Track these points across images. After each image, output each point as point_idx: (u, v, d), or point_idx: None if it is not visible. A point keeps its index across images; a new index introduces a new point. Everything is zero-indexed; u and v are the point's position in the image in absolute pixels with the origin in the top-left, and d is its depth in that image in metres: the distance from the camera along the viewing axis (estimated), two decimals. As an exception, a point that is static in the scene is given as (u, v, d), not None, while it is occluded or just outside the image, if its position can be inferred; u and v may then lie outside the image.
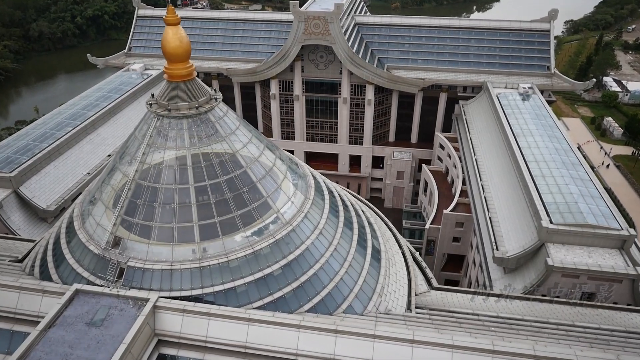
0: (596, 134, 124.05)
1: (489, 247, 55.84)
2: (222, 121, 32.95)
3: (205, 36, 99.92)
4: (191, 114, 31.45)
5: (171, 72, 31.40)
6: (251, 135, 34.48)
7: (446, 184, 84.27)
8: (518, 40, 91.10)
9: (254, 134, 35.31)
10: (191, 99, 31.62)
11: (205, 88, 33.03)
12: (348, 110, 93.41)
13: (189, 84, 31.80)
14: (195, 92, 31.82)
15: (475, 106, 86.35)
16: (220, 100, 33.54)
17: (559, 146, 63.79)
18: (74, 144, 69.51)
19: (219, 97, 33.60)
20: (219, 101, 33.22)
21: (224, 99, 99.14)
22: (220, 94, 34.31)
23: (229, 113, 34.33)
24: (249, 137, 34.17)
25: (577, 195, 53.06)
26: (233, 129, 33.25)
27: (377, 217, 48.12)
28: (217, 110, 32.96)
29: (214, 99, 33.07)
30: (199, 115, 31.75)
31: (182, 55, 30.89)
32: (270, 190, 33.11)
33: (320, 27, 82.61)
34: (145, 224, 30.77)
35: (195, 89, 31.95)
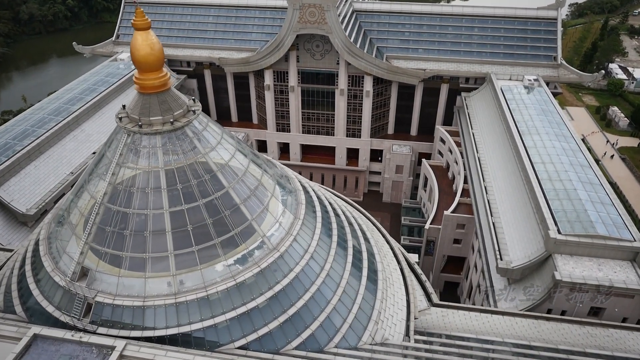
0: (601, 124, 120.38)
1: (491, 254, 52.96)
2: (202, 136, 29.62)
3: (197, 23, 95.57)
4: (165, 129, 28.10)
5: (142, 83, 27.93)
6: (235, 149, 31.15)
7: (447, 180, 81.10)
8: (523, 29, 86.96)
9: (238, 148, 32.00)
10: (165, 112, 28.24)
11: (182, 99, 29.56)
12: (345, 102, 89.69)
13: (162, 95, 28.36)
14: (170, 105, 28.42)
15: (478, 99, 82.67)
16: (199, 112, 30.11)
17: (567, 146, 60.49)
18: (56, 142, 66.09)
19: (197, 109, 30.15)
20: (197, 113, 29.79)
21: (217, 89, 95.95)
22: (200, 104, 30.87)
23: (210, 126, 30.92)
24: (232, 152, 30.86)
25: (587, 202, 49.99)
26: (214, 144, 29.92)
27: (374, 228, 44.97)
28: (195, 124, 29.57)
29: (191, 111, 29.63)
30: (174, 130, 28.41)
31: (154, 63, 27.40)
32: (255, 212, 29.99)
33: (316, 15, 78.43)
34: (115, 254, 27.76)
35: (170, 101, 28.53)
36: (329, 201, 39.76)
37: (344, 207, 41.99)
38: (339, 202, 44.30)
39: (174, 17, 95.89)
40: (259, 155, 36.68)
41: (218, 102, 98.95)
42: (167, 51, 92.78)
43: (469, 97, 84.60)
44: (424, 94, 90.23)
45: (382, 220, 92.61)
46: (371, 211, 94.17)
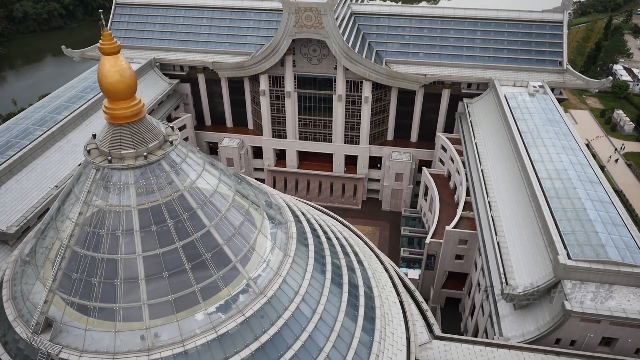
0: (606, 128, 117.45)
1: (496, 276, 50.20)
2: (180, 169, 26.76)
3: (190, 26, 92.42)
4: (138, 164, 25.27)
5: (112, 113, 25.01)
6: (217, 182, 28.29)
7: (448, 190, 78.33)
8: (528, 32, 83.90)
9: (222, 179, 29.13)
10: (138, 144, 25.37)
11: (158, 128, 26.63)
12: (343, 108, 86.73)
13: (135, 126, 25.46)
14: (143, 136, 25.53)
15: (480, 106, 79.74)
16: (177, 142, 27.18)
17: (575, 159, 57.60)
18: (40, 154, 63.09)
19: (175, 139, 27.24)
20: (175, 144, 26.87)
21: (211, 93, 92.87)
22: (178, 133, 27.96)
23: (190, 156, 27.99)
24: (215, 185, 28.01)
25: (597, 222, 47.16)
26: (194, 177, 27.08)
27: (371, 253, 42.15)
28: (173, 156, 26.67)
29: (169, 142, 26.74)
30: (148, 165, 25.56)
31: (124, 92, 24.48)
32: (240, 251, 27.18)
33: (312, 19, 75.37)
34: (82, 304, 24.99)
35: (144, 132, 25.63)
36: (323, 229, 36.92)
37: (338, 231, 39.12)
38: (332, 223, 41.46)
39: (166, 20, 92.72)
40: (246, 181, 33.83)
41: (212, 107, 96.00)
42: (159, 55, 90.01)
43: (471, 103, 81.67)
44: (424, 100, 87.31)
45: (381, 229, 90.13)
46: (370, 220, 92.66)
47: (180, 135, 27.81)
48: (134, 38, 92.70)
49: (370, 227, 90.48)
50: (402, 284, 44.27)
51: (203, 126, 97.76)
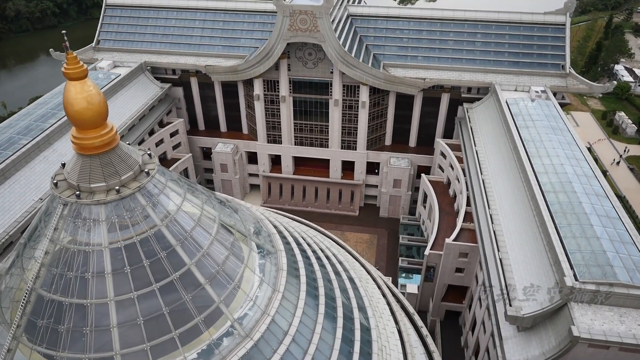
0: (607, 130, 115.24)
1: (498, 294, 48.03)
2: (158, 201, 24.43)
3: (182, 28, 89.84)
4: (109, 199, 22.98)
5: (80, 143, 22.65)
6: (200, 213, 26.02)
7: (448, 198, 76.20)
8: (529, 35, 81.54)
9: (206, 208, 26.84)
10: (110, 177, 23.05)
11: (132, 157, 24.25)
12: (340, 113, 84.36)
13: (106, 156, 23.12)
14: (116, 167, 23.21)
15: (481, 111, 77.44)
16: (155, 171, 24.85)
17: (580, 170, 55.36)
18: (23, 165, 60.76)
19: (153, 168, 24.91)
20: (152, 174, 24.53)
21: (204, 97, 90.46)
22: (156, 161, 25.60)
23: (169, 185, 25.63)
24: (197, 216, 25.73)
25: (605, 240, 44.97)
26: (173, 210, 24.76)
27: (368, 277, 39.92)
28: (149, 187, 24.36)
29: (145, 172, 24.39)
30: (121, 199, 23.27)
31: (93, 120, 22.10)
32: (224, 290, 24.91)
33: (307, 22, 72.90)
34: (48, 353, 22.72)
35: (116, 163, 23.31)
36: (316, 254, 34.68)
37: (332, 255, 36.86)
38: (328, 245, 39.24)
39: (157, 22, 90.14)
40: (233, 206, 31.52)
41: (206, 111, 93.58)
42: (151, 58, 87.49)
43: (471, 108, 79.36)
44: (423, 104, 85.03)
45: (379, 237, 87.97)
46: (367, 227, 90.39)
47: (158, 163, 25.43)
48: (125, 41, 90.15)
49: (367, 234, 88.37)
50: (400, 306, 42.23)
51: (196, 131, 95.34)
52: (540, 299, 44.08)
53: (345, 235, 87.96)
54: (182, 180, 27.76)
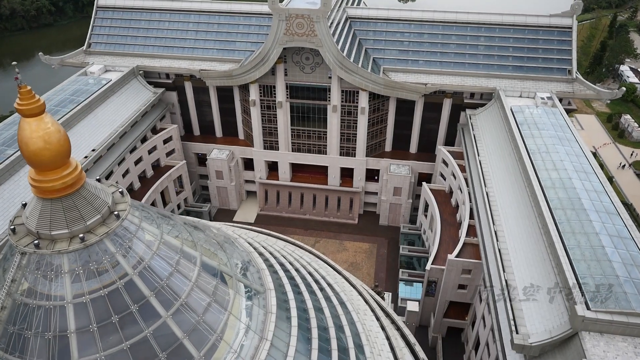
0: (613, 134, 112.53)
1: (504, 321, 45.56)
2: (129, 247, 21.85)
3: (176, 31, 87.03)
4: (72, 249, 20.40)
5: (38, 186, 19.99)
6: (178, 257, 23.42)
7: (450, 208, 73.69)
8: (534, 38, 78.72)
9: (186, 249, 24.20)
10: (74, 223, 20.43)
11: (100, 198, 21.52)
12: (339, 119, 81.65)
13: (69, 200, 20.45)
14: (80, 212, 20.58)
15: (484, 118, 74.78)
16: (127, 213, 22.20)
17: (590, 185, 52.74)
18: (7, 177, 58.30)
19: (124, 209, 22.25)
20: (123, 217, 21.90)
21: (199, 102, 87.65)
22: (128, 200, 22.95)
23: (144, 226, 22.90)
24: (175, 260, 23.13)
25: (618, 264, 42.38)
26: (147, 255, 22.14)
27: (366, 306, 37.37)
28: (120, 232, 21.75)
29: (114, 215, 21.78)
30: (87, 247, 20.67)
31: (51, 161, 19.37)
32: (205, 343, 22.32)
33: (304, 27, 70.13)
34: (4, 423, 20.29)
35: (81, 206, 20.67)
36: (310, 287, 32.13)
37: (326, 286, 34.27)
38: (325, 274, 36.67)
39: (150, 25, 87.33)
40: (219, 240, 28.94)
41: (201, 116, 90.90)
42: (144, 62, 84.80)
43: (474, 115, 76.72)
44: (424, 109, 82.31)
45: (379, 246, 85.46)
46: (367, 236, 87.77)
47: (130, 202, 22.77)
48: (117, 44, 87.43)
49: (367, 243, 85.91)
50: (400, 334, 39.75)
51: (191, 136, 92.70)
52: (548, 326, 41.62)
53: (344, 245, 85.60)
54: (159, 217, 25.13)
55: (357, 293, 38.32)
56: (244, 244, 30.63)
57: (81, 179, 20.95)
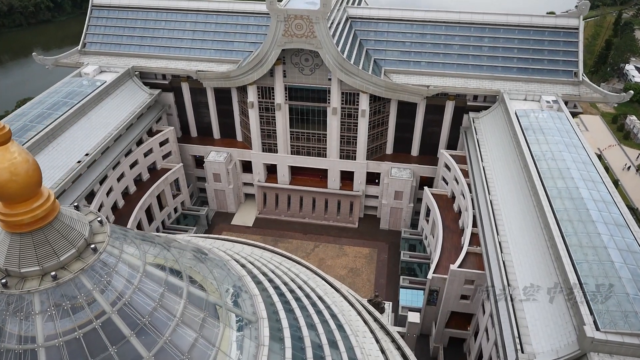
0: (618, 135, 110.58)
1: (508, 335, 43.94)
2: (108, 282, 20.18)
3: (172, 30, 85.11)
4: (44, 288, 18.69)
5: (5, 220, 18.24)
6: (162, 290, 21.69)
7: (452, 214, 71.94)
8: (540, 39, 76.68)
9: (171, 280, 22.45)
10: (46, 259, 18.69)
11: (76, 230, 19.72)
12: (339, 122, 79.79)
13: (40, 234, 18.68)
14: (53, 247, 18.83)
15: (488, 122, 72.92)
16: (105, 245, 20.43)
17: (598, 195, 50.94)
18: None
19: (102, 241, 20.50)
20: (101, 250, 20.12)
21: (196, 103, 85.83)
22: (107, 229, 21.21)
23: (125, 258, 21.06)
24: (159, 293, 21.47)
25: (629, 282, 40.67)
26: (128, 290, 20.34)
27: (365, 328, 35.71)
28: (98, 266, 20.04)
29: (91, 249, 20.04)
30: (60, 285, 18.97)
31: (19, 193, 17.62)
32: (190, 384, 20.76)
33: (303, 28, 68.20)
34: None
35: (54, 240, 18.88)
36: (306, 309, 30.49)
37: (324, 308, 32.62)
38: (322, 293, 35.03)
39: (146, 24, 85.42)
40: (208, 264, 27.27)
41: (198, 117, 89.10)
42: (139, 62, 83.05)
43: (477, 118, 74.86)
44: (426, 112, 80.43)
45: (379, 251, 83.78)
46: (367, 240, 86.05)
47: (109, 232, 21.02)
48: (112, 44, 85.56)
49: (367, 248, 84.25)
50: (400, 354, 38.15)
51: (188, 138, 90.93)
52: (555, 345, 39.99)
53: (343, 249, 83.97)
54: (144, 243, 23.42)
55: (356, 312, 36.65)
56: (235, 267, 28.95)
57: (54, 210, 19.22)
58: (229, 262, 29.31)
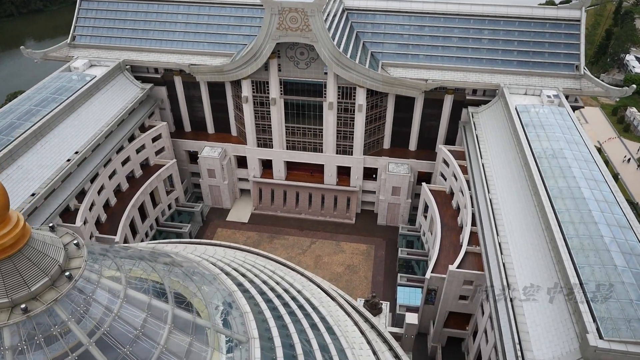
0: (618, 128, 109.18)
1: (509, 339, 42.95)
2: (85, 310, 18.80)
3: (164, 23, 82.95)
4: (13, 322, 17.27)
5: (-30, 250, 16.91)
6: (146, 314, 20.37)
7: (450, 210, 70.70)
8: (541, 32, 74.94)
9: (154, 303, 21.12)
10: (15, 290, 17.19)
11: (49, 257, 18.34)
12: (335, 116, 78.13)
13: (8, 263, 17.09)
14: (23, 277, 17.45)
15: (488, 117, 71.41)
16: (82, 272, 18.99)
17: (600, 195, 49.67)
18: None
19: (78, 267, 19.05)
20: (77, 278, 18.66)
21: (190, 98, 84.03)
22: (84, 253, 19.77)
23: (103, 284, 19.68)
24: (142, 318, 20.13)
25: (633, 287, 39.52)
26: (107, 318, 18.99)
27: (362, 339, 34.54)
28: (73, 294, 18.57)
29: (66, 276, 18.57)
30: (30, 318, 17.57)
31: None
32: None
33: (298, 21, 66.25)
34: None
35: (24, 269, 17.39)
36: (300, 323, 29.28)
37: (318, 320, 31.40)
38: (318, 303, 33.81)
39: (137, 16, 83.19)
40: (196, 280, 25.93)
41: (191, 112, 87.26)
42: (130, 56, 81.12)
43: (476, 113, 73.34)
44: (424, 106, 78.79)
45: (376, 248, 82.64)
46: (364, 236, 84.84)
47: (86, 256, 19.58)
48: (102, 37, 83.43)
49: (364, 244, 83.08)
50: None
51: (182, 133, 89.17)
52: (556, 352, 38.96)
53: (340, 246, 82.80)
54: (126, 262, 22.02)
55: (353, 322, 35.47)
56: (226, 281, 27.62)
57: (24, 236, 17.76)
58: (219, 276, 27.98)
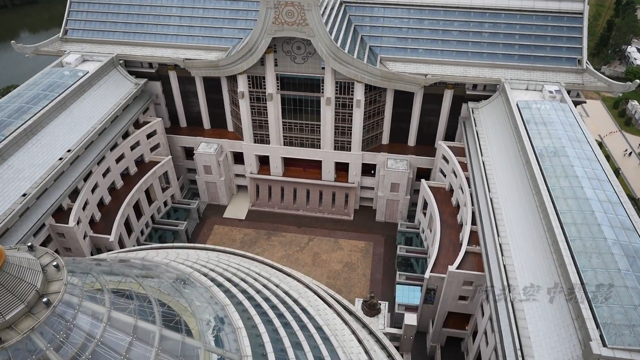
0: (620, 121, 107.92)
1: (510, 344, 42.12)
2: (65, 337, 17.75)
3: (158, 16, 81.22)
4: (-14, 354, 16.29)
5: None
6: (131, 337, 19.34)
7: (450, 208, 69.71)
8: (542, 25, 73.46)
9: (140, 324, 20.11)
10: (-12, 319, 16.35)
11: (25, 282, 17.22)
12: (333, 112, 76.76)
13: (-19, 291, 16.33)
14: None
15: (488, 112, 70.15)
16: (61, 297, 17.92)
17: (603, 195, 48.63)
18: (-28, 186, 53.82)
19: (57, 291, 17.94)
20: (55, 303, 17.54)
21: (185, 93, 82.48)
22: (64, 276, 18.64)
23: (85, 307, 18.62)
24: (127, 342, 19.10)
25: (636, 292, 38.62)
26: (89, 344, 17.90)
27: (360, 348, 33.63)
28: (52, 321, 17.45)
29: (44, 302, 17.45)
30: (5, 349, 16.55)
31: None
32: None
33: (294, 15, 64.67)
34: None
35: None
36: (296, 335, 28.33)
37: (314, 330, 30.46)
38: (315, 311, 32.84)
39: (130, 9, 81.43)
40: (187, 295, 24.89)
41: (187, 107, 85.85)
42: (124, 50, 79.43)
43: (477, 108, 72.06)
44: (424, 101, 77.46)
45: (375, 245, 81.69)
46: (363, 233, 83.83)
47: (67, 278, 18.49)
48: (95, 31, 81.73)
49: (363, 241, 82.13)
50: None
51: (177, 128, 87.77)
52: (559, 358, 38.13)
53: (339, 243, 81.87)
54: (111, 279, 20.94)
55: (350, 331, 34.54)
56: (218, 295, 26.57)
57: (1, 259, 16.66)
58: (211, 289, 26.94)
